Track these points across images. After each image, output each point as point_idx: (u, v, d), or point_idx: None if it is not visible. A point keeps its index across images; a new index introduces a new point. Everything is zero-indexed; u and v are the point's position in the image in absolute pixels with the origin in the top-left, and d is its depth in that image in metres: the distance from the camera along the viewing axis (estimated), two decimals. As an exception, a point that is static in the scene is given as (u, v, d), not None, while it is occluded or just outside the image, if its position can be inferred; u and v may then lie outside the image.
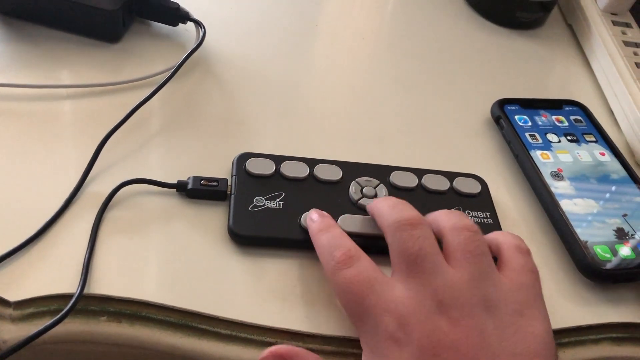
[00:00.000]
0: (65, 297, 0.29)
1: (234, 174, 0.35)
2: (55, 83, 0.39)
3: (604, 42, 0.49)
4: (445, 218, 0.31)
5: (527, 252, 0.31)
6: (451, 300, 0.27)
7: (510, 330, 0.27)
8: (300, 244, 0.33)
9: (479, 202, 0.37)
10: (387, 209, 0.31)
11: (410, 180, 0.37)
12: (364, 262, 0.29)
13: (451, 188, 0.37)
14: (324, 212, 0.33)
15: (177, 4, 0.43)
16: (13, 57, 0.40)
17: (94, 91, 0.39)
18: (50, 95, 0.39)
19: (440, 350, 0.26)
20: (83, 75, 0.40)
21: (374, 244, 0.33)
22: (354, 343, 0.30)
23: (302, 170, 0.36)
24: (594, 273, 0.34)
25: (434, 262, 0.28)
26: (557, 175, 0.39)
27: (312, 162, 0.36)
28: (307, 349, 0.30)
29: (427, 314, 0.27)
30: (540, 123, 0.43)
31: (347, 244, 0.30)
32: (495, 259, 0.31)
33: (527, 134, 0.42)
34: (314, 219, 0.32)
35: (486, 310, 0.27)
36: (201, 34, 0.43)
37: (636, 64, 0.47)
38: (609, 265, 0.34)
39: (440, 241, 0.30)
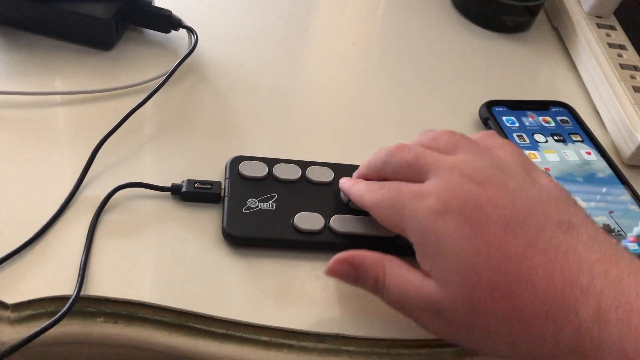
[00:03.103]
0: (62, 299, 0.29)
1: (227, 176, 0.36)
2: (50, 90, 0.40)
3: (589, 45, 0.50)
4: (420, 139, 0.33)
5: (495, 134, 0.33)
6: (469, 170, 0.29)
7: (528, 184, 0.29)
8: (293, 244, 0.34)
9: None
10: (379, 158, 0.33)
11: (401, 181, 0.37)
12: (395, 181, 0.31)
13: (441, 188, 0.38)
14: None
15: (169, 11, 0.44)
16: (8, 65, 0.41)
17: (88, 98, 0.40)
18: (45, 102, 0.39)
19: (479, 208, 0.28)
20: (77, 82, 0.41)
21: (366, 244, 0.34)
22: (348, 340, 0.31)
23: (294, 172, 0.36)
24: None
25: (434, 154, 0.31)
26: (544, 175, 0.40)
27: (304, 164, 0.37)
28: (301, 347, 0.30)
29: (456, 185, 0.29)
30: (527, 124, 0.44)
31: (381, 182, 0.32)
32: None
33: (514, 135, 0.42)
34: (344, 179, 0.35)
35: (501, 172, 0.29)
36: (193, 40, 0.43)
37: (620, 65, 0.48)
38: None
39: None
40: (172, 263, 0.32)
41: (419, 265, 0.29)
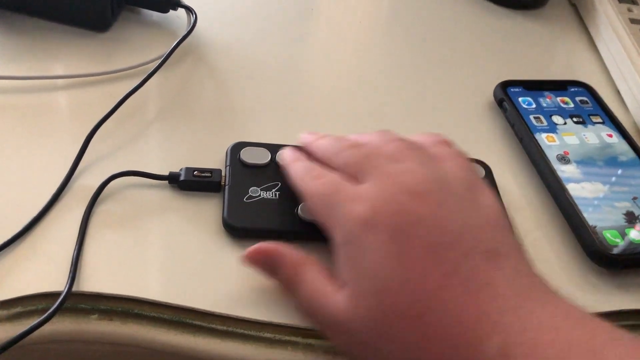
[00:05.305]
0: (54, 295, 0.28)
1: (227, 164, 0.34)
2: (44, 74, 0.39)
3: (610, 21, 0.48)
4: (376, 137, 0.33)
5: (450, 143, 0.33)
6: (409, 181, 0.29)
7: (467, 204, 0.29)
8: (297, 235, 0.32)
9: (483, 188, 0.36)
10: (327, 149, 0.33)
11: (411, 167, 0.36)
12: (336, 175, 0.31)
13: (454, 174, 0.36)
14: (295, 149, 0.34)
15: (167, -11, 0.42)
16: (0, 48, 0.40)
17: (83, 81, 0.39)
18: (39, 86, 0.38)
19: (409, 226, 0.27)
20: (72, 65, 0.40)
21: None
22: (355, 337, 0.30)
23: (298, 159, 0.35)
24: (604, 259, 0.33)
25: (381, 158, 0.30)
26: (563, 159, 0.38)
27: (309, 150, 0.35)
28: (307, 344, 0.29)
29: (391, 196, 0.28)
30: (544, 105, 0.42)
31: (323, 169, 0.32)
32: None
33: (531, 117, 0.41)
34: (287, 151, 0.34)
35: (441, 188, 0.29)
36: (192, 20, 0.42)
37: (643, 42, 0.46)
38: (618, 250, 0.33)
39: None
40: (170, 256, 0.31)
41: (337, 270, 0.28)
